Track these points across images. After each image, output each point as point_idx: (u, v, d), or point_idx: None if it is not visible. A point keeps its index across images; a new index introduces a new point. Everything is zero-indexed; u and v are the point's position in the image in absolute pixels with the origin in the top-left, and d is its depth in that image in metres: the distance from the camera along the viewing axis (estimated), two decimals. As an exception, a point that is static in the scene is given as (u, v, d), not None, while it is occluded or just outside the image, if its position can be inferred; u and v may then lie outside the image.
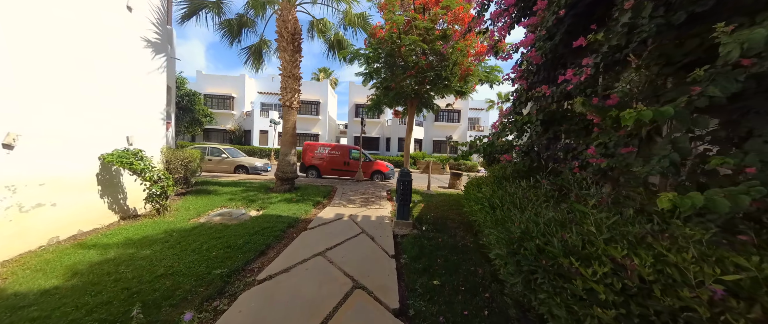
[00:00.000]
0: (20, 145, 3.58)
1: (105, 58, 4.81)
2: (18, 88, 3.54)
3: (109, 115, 4.97)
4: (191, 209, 6.04)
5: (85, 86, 4.48)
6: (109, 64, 4.89)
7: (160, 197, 5.28)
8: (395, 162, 21.00)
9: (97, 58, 4.66)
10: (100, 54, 4.71)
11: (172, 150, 6.57)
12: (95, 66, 4.63)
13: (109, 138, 4.95)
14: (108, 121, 4.94)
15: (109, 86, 4.93)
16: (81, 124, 4.43)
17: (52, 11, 3.92)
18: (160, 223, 4.92)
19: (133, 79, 5.48)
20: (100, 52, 4.72)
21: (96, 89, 4.67)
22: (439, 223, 6.07)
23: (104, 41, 4.79)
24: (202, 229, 4.66)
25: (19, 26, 3.53)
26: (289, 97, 8.58)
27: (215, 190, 8.14)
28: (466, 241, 5.10)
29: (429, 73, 7.72)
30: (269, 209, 6.39)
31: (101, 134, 4.81)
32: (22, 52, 3.57)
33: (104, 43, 4.79)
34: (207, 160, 12.95)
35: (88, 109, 4.53)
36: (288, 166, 8.71)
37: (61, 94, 4.09)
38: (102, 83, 4.77)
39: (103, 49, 4.78)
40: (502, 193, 3.03)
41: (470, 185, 4.55)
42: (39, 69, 3.78)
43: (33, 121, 3.73)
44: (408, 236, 5.13)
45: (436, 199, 8.90)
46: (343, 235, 4.92)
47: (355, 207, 7.20)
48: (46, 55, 3.86)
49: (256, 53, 9.81)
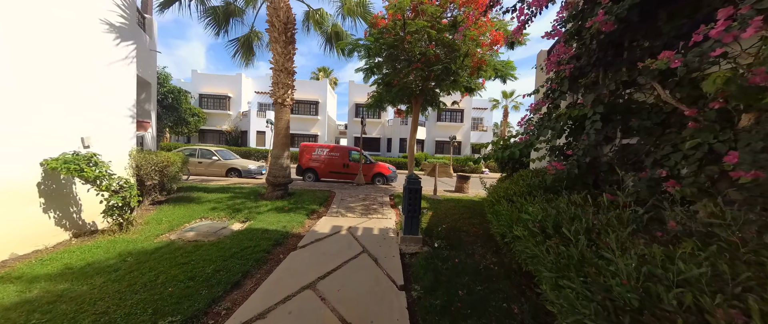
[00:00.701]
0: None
1: (51, 40, 3.94)
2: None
3: (58, 111, 4.10)
4: (164, 222, 5.18)
5: (21, 71, 3.60)
6: (56, 48, 4.02)
7: (122, 210, 4.42)
8: (397, 164, 20.13)
9: (39, 37, 3.79)
10: (43, 33, 3.84)
11: (143, 153, 5.72)
12: (35, 47, 3.76)
13: (57, 139, 4.09)
14: (56, 118, 4.07)
15: (57, 75, 4.06)
16: (13, 119, 3.55)
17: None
18: (118, 243, 4.06)
19: (91, 69, 4.61)
20: (45, 32, 3.86)
21: (37, 76, 3.80)
22: (452, 237, 5.22)
23: (50, 19, 3.93)
24: (167, 252, 3.79)
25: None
26: (281, 94, 7.73)
27: (198, 198, 7.28)
28: (488, 262, 4.26)
29: (437, 66, 6.86)
30: (256, 221, 5.53)
31: (46, 133, 3.95)
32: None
33: (49, 22, 3.93)
34: (197, 162, 12.12)
35: (25, 101, 3.66)
36: (280, 170, 7.85)
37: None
38: (46, 69, 3.90)
39: (49, 29, 3.91)
40: (558, 214, 2.17)
41: (497, 197, 3.67)
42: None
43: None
44: (418, 256, 4.27)
45: (444, 205, 8.03)
46: (341, 255, 4.06)
47: (354, 217, 6.34)
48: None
49: (246, 46, 8.95)
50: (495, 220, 3.43)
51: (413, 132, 9.49)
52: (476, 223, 6.35)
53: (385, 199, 8.66)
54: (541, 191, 3.27)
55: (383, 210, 7.21)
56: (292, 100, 7.96)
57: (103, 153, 4.59)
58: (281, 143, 7.87)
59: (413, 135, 9.48)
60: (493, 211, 3.53)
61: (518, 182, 4.01)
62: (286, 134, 7.91)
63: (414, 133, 9.49)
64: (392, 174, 12.82)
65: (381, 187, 11.48)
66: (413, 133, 9.49)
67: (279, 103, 7.74)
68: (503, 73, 7.68)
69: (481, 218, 6.78)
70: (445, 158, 24.13)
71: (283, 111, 7.82)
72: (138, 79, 7.09)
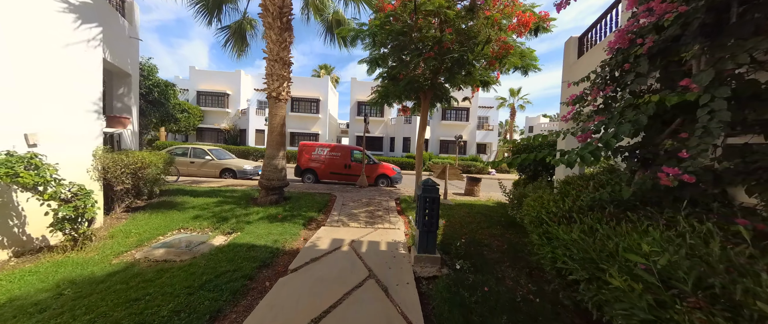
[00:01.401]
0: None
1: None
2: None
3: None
4: (132, 235, 4.37)
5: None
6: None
7: (75, 222, 3.61)
8: (401, 164, 19.28)
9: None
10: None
11: (112, 154, 4.91)
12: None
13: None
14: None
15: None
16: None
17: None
18: (64, 266, 3.25)
19: (37, 52, 3.79)
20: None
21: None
22: (474, 254, 4.40)
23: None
24: (120, 280, 2.97)
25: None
26: (276, 87, 6.91)
27: (183, 203, 6.47)
28: (524, 289, 3.43)
29: (452, 55, 6.01)
30: (243, 233, 4.72)
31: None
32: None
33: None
34: (189, 162, 11.34)
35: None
36: (275, 172, 7.03)
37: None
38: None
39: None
40: (694, 257, 1.34)
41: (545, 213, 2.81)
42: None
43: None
44: (437, 282, 3.45)
45: (457, 212, 7.20)
46: (341, 282, 3.23)
47: (357, 226, 5.52)
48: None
49: (238, 34, 8.12)
50: (546, 245, 2.59)
51: (421, 130, 8.64)
52: (497, 235, 5.53)
53: (391, 204, 7.84)
54: (610, 206, 2.44)
55: (390, 217, 6.39)
56: (288, 94, 7.14)
57: (57, 153, 3.80)
58: (276, 142, 7.06)
59: (421, 133, 8.62)
60: (542, 232, 2.69)
61: (565, 191, 3.17)
62: (281, 132, 7.10)
63: (422, 132, 8.63)
64: (397, 175, 11.99)
65: (385, 190, 10.66)
66: (421, 131, 8.64)
67: (273, 97, 6.92)
68: (526, 64, 6.82)
69: (502, 228, 5.95)
70: (451, 158, 23.24)
71: (277, 106, 7.00)
72: (116, 69, 6.30)
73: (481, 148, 29.51)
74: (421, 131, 8.63)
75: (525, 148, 7.05)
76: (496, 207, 8.20)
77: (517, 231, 5.70)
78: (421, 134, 8.60)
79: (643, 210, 2.34)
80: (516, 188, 6.73)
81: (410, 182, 13.49)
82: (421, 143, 8.63)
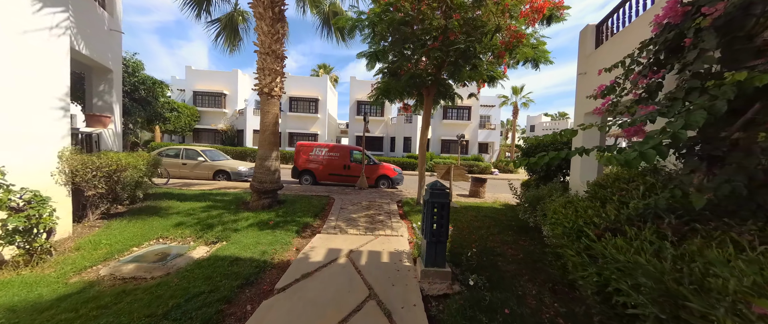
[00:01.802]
0: None
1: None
2: None
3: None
4: (102, 247, 3.87)
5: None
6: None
7: (29, 234, 3.12)
8: (402, 164, 18.77)
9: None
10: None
11: (81, 156, 4.41)
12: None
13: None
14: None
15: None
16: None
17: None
18: (9, 286, 2.75)
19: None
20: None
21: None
22: (488, 266, 3.90)
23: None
24: (69, 307, 2.47)
25: None
26: (268, 82, 6.41)
27: (168, 208, 5.98)
28: (551, 311, 2.93)
29: (459, 46, 5.50)
30: (229, 243, 4.23)
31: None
32: None
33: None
34: (180, 164, 10.85)
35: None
36: (267, 174, 6.53)
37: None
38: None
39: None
40: None
41: (581, 223, 2.30)
42: None
43: None
44: (449, 302, 2.95)
45: (464, 215, 6.70)
46: (337, 305, 2.73)
47: (356, 233, 5.02)
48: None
49: (229, 27, 7.63)
50: (590, 265, 2.08)
51: (424, 129, 8.13)
52: (510, 242, 5.02)
53: (393, 208, 7.34)
54: (671, 217, 1.94)
55: (391, 222, 5.89)
56: (281, 90, 6.65)
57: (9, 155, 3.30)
58: (269, 141, 6.56)
59: (424, 132, 8.12)
60: (582, 248, 2.18)
61: (602, 196, 2.66)
62: (274, 131, 6.60)
63: (425, 130, 8.13)
64: (398, 176, 11.49)
65: (386, 192, 10.15)
66: (424, 130, 8.13)
67: (266, 93, 6.43)
68: (538, 55, 6.32)
69: (514, 233, 5.45)
70: (453, 158, 22.73)
71: (270, 103, 6.51)
72: (95, 64, 5.81)
73: (483, 148, 29.00)
74: (423, 130, 8.13)
75: (538, 147, 6.55)
76: (505, 209, 7.70)
77: (531, 237, 5.20)
78: (423, 133, 8.10)
79: (715, 221, 1.85)
80: (526, 190, 6.25)
81: (412, 183, 12.98)
82: (424, 143, 8.13)
